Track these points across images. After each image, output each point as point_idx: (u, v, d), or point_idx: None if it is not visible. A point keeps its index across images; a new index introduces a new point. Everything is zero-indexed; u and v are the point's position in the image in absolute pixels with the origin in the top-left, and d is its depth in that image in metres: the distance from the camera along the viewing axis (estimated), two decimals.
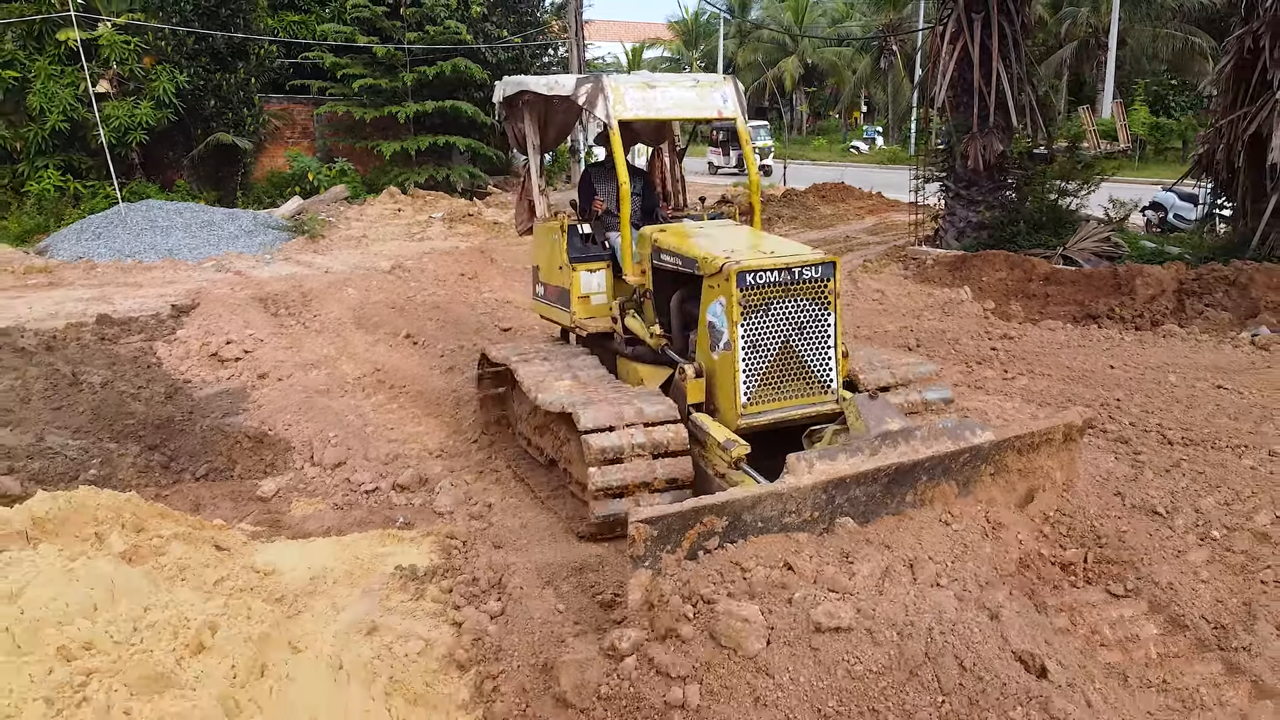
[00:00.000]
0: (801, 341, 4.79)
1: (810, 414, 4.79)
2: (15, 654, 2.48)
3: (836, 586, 3.41)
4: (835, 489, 3.73)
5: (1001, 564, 3.87)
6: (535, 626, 3.82)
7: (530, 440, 5.88)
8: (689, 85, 5.92)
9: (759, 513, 3.61)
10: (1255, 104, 9.76)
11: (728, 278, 4.60)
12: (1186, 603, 3.85)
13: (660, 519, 3.43)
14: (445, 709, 3.40)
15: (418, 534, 4.97)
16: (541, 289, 6.64)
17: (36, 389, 7.26)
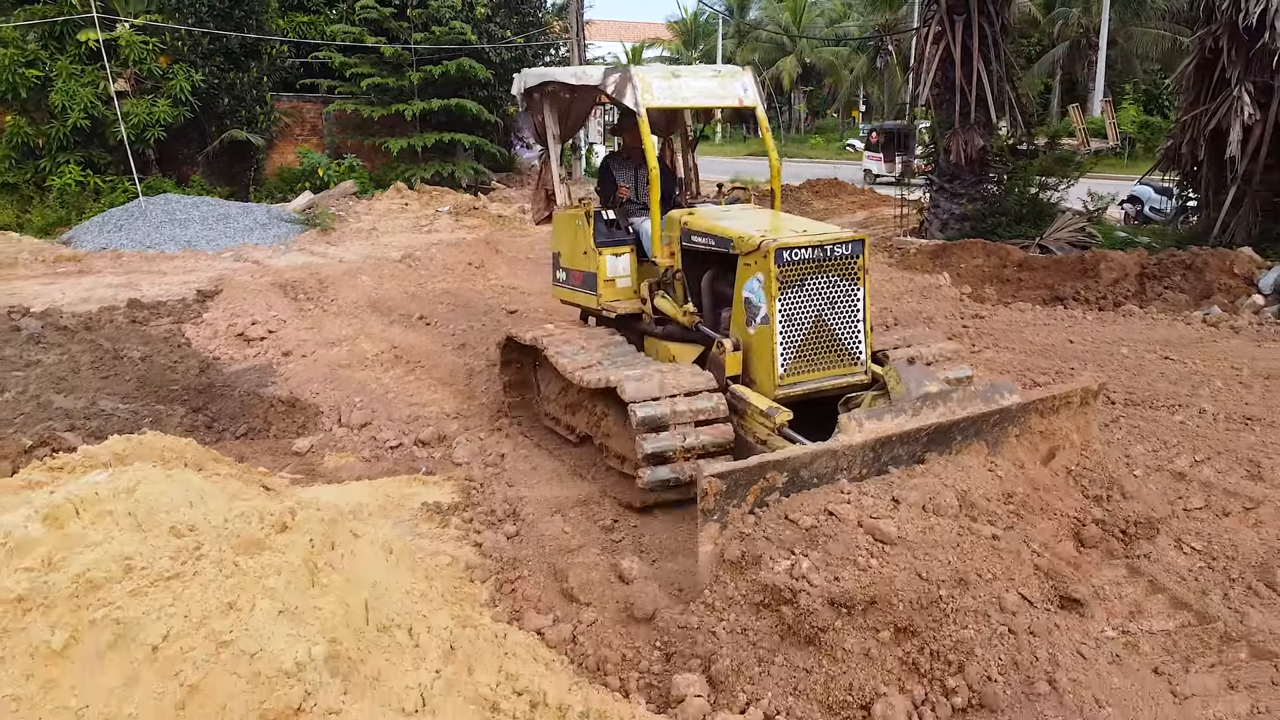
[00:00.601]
0: (833, 315, 5.03)
1: (841, 385, 5.01)
2: (137, 530, 3.13)
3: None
4: (882, 447, 3.95)
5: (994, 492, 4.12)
6: (546, 543, 4.49)
7: (559, 419, 6.17)
8: (710, 75, 6.10)
9: (815, 469, 3.83)
10: (1215, 101, 10.41)
11: (765, 255, 4.83)
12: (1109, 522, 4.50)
13: (730, 474, 3.61)
14: (471, 605, 4.05)
15: (440, 478, 5.63)
16: (564, 274, 6.80)
17: (84, 361, 7.92)
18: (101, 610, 2.77)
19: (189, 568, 2.92)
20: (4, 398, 7.00)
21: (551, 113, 6.63)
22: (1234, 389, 6.64)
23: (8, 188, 17.27)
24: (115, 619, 2.71)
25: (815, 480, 3.82)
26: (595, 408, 5.55)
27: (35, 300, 10.70)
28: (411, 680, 2.87)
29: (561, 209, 6.81)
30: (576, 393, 5.73)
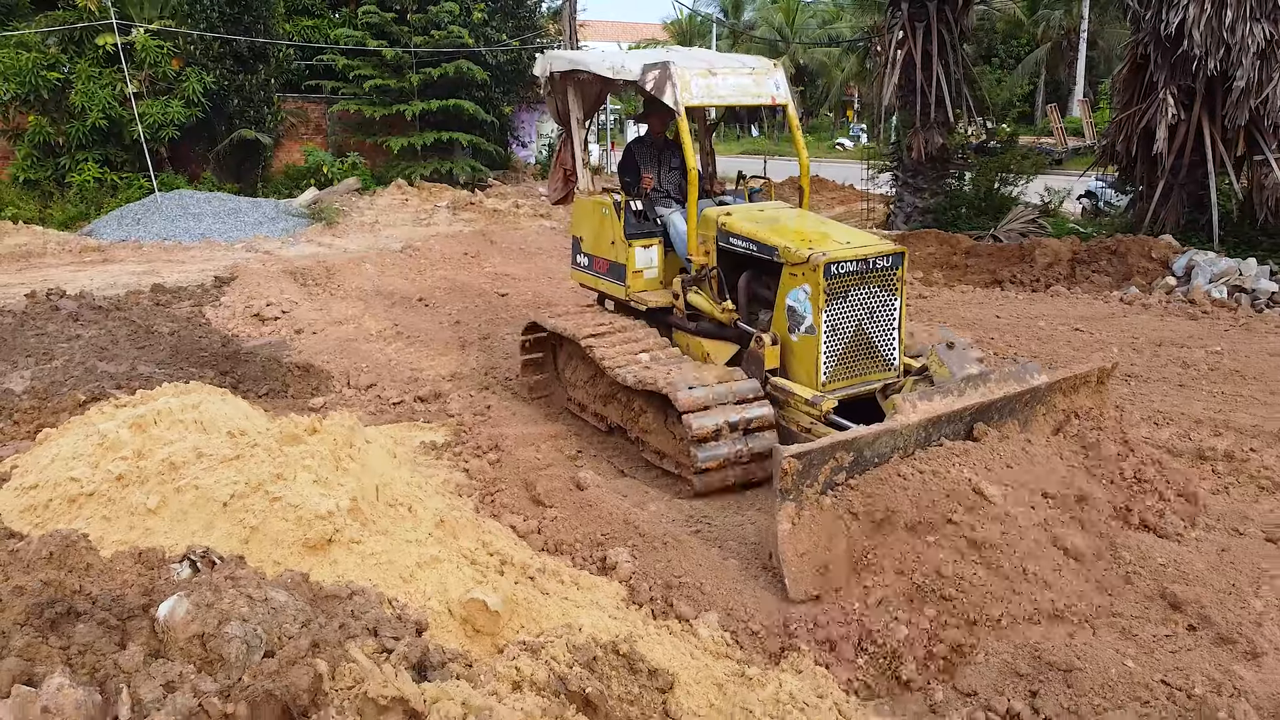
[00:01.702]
0: (871, 324, 5.22)
1: (876, 388, 5.19)
2: (203, 432, 4.13)
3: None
4: (932, 425, 4.19)
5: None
6: (521, 465, 5.49)
7: (585, 406, 6.33)
8: (746, 72, 6.10)
9: (877, 448, 4.03)
10: (1145, 102, 11.40)
11: (815, 268, 4.98)
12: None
13: (806, 454, 3.78)
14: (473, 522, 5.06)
15: (435, 425, 6.62)
16: (585, 260, 6.86)
17: (120, 334, 8.92)
18: (183, 481, 3.77)
19: (246, 453, 3.93)
20: (54, 364, 8.00)
21: (576, 97, 6.60)
22: (1126, 353, 7.64)
23: (30, 184, 18.25)
24: (194, 485, 3.71)
25: (876, 459, 4.02)
26: (633, 402, 5.66)
27: (67, 285, 11.68)
28: (410, 535, 3.86)
29: (584, 194, 6.78)
30: (609, 384, 5.82)
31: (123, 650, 2.43)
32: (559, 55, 6.67)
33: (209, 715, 2.31)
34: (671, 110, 6.20)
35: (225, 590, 2.65)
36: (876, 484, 4.00)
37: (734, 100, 6.10)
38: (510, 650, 3.03)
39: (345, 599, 3.10)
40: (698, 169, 5.80)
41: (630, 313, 6.44)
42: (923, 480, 4.02)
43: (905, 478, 4.02)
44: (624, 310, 6.54)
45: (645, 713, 3.06)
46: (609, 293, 6.64)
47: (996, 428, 4.39)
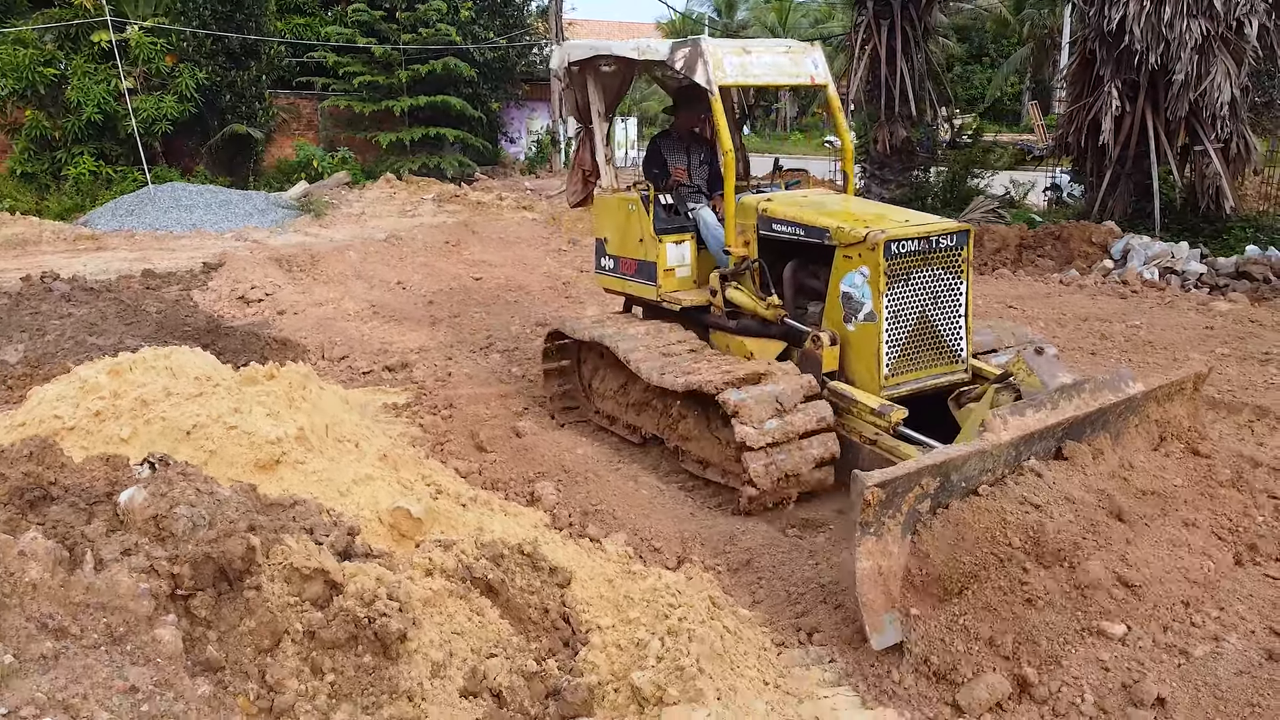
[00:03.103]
0: (936, 311, 4.78)
1: (942, 384, 4.80)
2: (173, 376, 4.64)
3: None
4: (1023, 444, 3.72)
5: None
6: (469, 419, 6.01)
7: (615, 418, 5.89)
8: (782, 51, 5.74)
9: (965, 471, 3.55)
10: (1093, 95, 11.91)
11: (873, 247, 4.57)
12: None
13: (891, 482, 3.30)
14: (415, 459, 5.57)
15: (399, 389, 7.14)
16: (611, 262, 6.39)
17: (110, 312, 9.43)
18: (151, 414, 4.28)
19: (209, 391, 4.45)
20: (46, 339, 8.52)
21: (596, 89, 6.26)
22: (1051, 328, 8.15)
23: (27, 177, 18.78)
24: (161, 418, 4.23)
25: (963, 484, 3.56)
26: (671, 409, 5.30)
27: (61, 270, 12.18)
28: (354, 467, 4.37)
29: (608, 191, 6.37)
30: (643, 391, 5.49)
31: (89, 524, 2.94)
32: (577, 44, 6.31)
33: (158, 573, 2.82)
34: (700, 102, 6.02)
35: (178, 483, 3.17)
36: (973, 517, 3.50)
37: (769, 80, 5.74)
38: (425, 546, 3.55)
39: (288, 507, 3.60)
40: (732, 152, 5.34)
41: (662, 315, 6.04)
42: (1038, 520, 3.49)
43: (1007, 515, 3.49)
44: (655, 313, 6.16)
45: (544, 601, 3.56)
46: (638, 295, 6.21)
47: (1089, 443, 3.95)
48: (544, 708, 3.13)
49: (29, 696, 2.27)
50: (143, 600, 2.68)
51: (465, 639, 3.22)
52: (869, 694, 3.27)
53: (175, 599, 2.80)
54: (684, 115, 6.47)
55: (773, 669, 3.37)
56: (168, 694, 2.51)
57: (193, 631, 2.79)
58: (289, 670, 2.82)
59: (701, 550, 4.16)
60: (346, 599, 2.97)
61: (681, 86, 6.29)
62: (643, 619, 3.41)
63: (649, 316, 6.24)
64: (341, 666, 2.89)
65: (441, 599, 3.29)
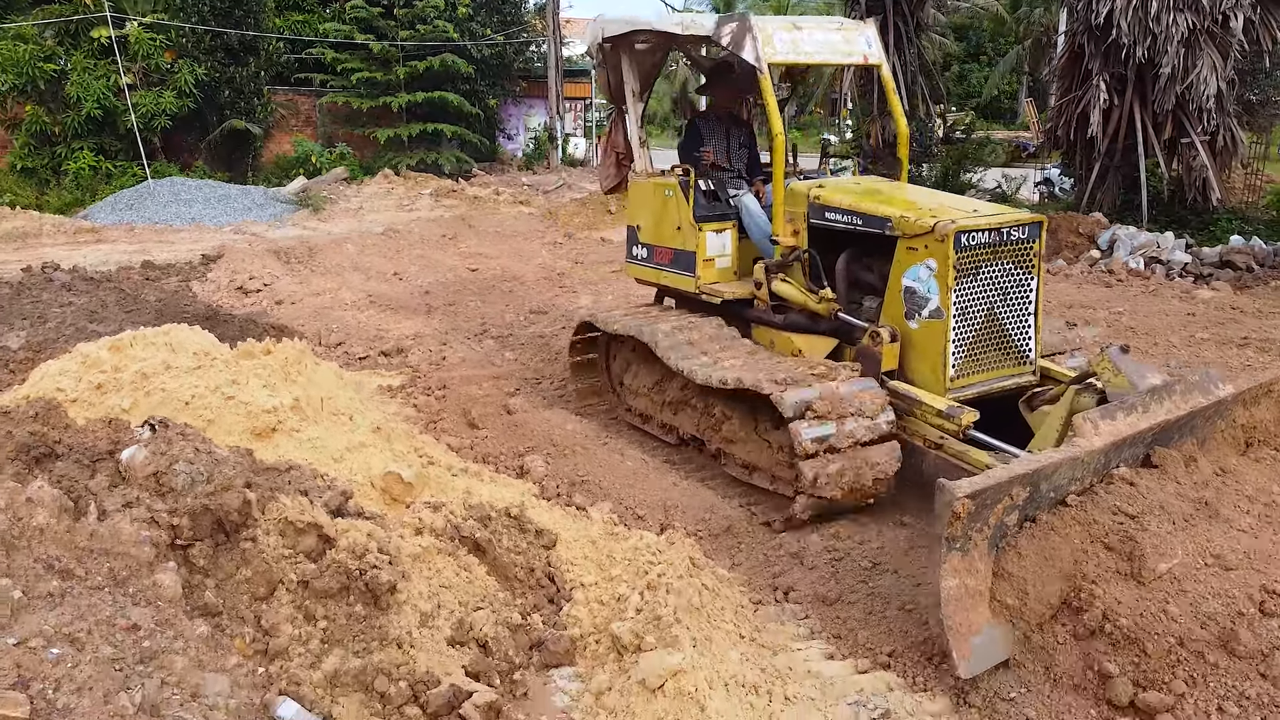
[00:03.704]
0: (1005, 308, 4.51)
1: (1008, 386, 4.53)
2: (172, 352, 4.78)
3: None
4: (1113, 449, 3.48)
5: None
6: (462, 399, 6.14)
7: (649, 417, 5.62)
8: (834, 28, 5.47)
9: (1055, 480, 3.33)
10: (1082, 89, 12.06)
11: (942, 239, 4.28)
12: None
13: (981, 493, 3.05)
14: (407, 433, 5.70)
15: (394, 372, 7.27)
16: (644, 251, 6.03)
17: (110, 301, 9.57)
18: (151, 386, 4.42)
19: (206, 365, 4.58)
20: (48, 326, 8.65)
21: (631, 67, 5.95)
22: None
23: (27, 172, 18.90)
24: (162, 389, 4.37)
25: (1051, 494, 3.33)
26: (713, 409, 5.00)
27: (61, 262, 12.31)
28: (348, 436, 4.51)
29: (642, 175, 6.04)
30: (680, 389, 5.22)
31: (92, 478, 3.08)
32: (613, 19, 5.94)
33: (159, 524, 2.95)
34: (737, 81, 5.77)
35: (177, 442, 3.30)
36: (1066, 530, 3.26)
37: (821, 59, 5.45)
38: (415, 506, 3.69)
39: (283, 471, 3.74)
40: (782, 135, 5.02)
41: (698, 308, 5.70)
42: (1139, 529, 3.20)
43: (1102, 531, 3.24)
44: (690, 306, 5.83)
45: (529, 561, 3.70)
46: (675, 286, 5.85)
47: (1177, 449, 3.70)
48: (528, 657, 3.27)
49: (37, 629, 2.41)
50: (144, 547, 2.82)
51: (453, 593, 3.36)
52: (839, 648, 3.41)
53: (174, 548, 2.94)
54: (721, 93, 6.20)
55: (748, 624, 3.51)
56: (168, 633, 2.65)
57: (191, 579, 2.93)
58: (283, 616, 2.95)
59: (684, 518, 4.30)
60: (339, 552, 3.11)
61: (716, 65, 6.04)
62: (624, 576, 3.55)
63: (682, 309, 5.92)
64: (333, 614, 3.02)
65: (430, 555, 3.43)
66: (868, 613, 3.53)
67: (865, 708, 3.06)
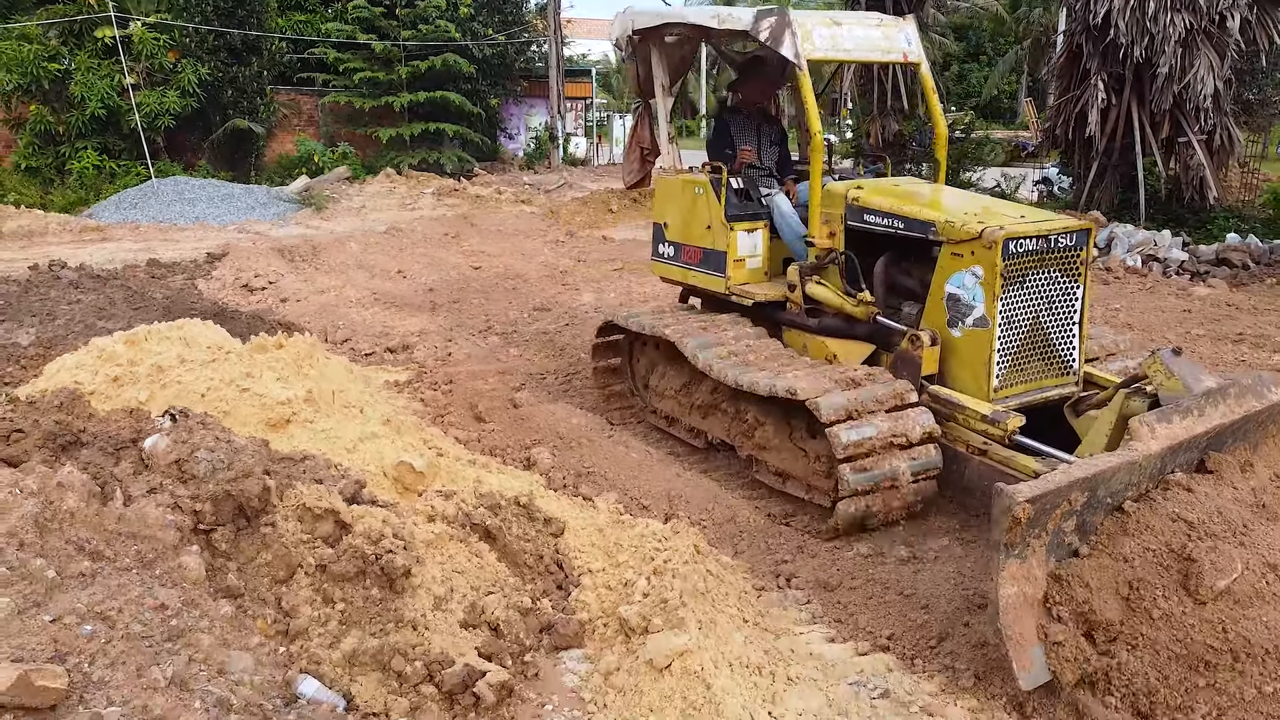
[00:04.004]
0: (1050, 317, 4.43)
1: (1051, 397, 4.46)
2: (186, 345, 4.88)
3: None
4: (1169, 454, 3.41)
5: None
6: (470, 393, 6.24)
7: (676, 420, 5.53)
8: (874, 24, 5.38)
9: (1112, 485, 3.26)
10: (1080, 88, 12.16)
11: (990, 246, 4.18)
12: None
13: (1041, 498, 2.98)
14: (416, 425, 5.80)
15: (401, 367, 7.37)
16: (671, 249, 5.93)
17: (118, 298, 9.67)
18: (167, 379, 4.52)
19: (221, 359, 4.69)
20: (57, 323, 8.75)
21: (660, 60, 5.83)
22: None
23: (32, 171, 19.00)
24: (178, 382, 4.47)
25: (1108, 499, 3.28)
26: (745, 414, 4.89)
27: (68, 260, 12.41)
28: (360, 428, 4.61)
29: (669, 172, 6.00)
30: (710, 392, 5.11)
31: (117, 465, 3.18)
32: (643, 11, 5.84)
33: (182, 509, 3.06)
34: (770, 76, 5.72)
35: (197, 431, 3.41)
36: (1131, 537, 3.18)
37: (861, 56, 5.43)
38: (428, 495, 3.79)
39: (298, 461, 3.84)
40: (820, 134, 4.93)
41: (725, 309, 5.62)
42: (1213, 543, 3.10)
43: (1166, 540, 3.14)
44: (718, 306, 5.73)
45: (539, 548, 3.81)
46: (703, 286, 5.76)
47: (1231, 453, 3.63)
48: (538, 640, 3.37)
49: (70, 607, 2.51)
50: (169, 531, 2.92)
51: (465, 577, 3.46)
52: (840, 632, 3.51)
53: (197, 532, 3.04)
54: (752, 89, 6.06)
55: (752, 608, 3.61)
56: (193, 612, 2.75)
57: (214, 562, 3.03)
58: (303, 598, 3.05)
59: (688, 507, 4.41)
60: (355, 537, 3.21)
61: (747, 60, 5.96)
62: (630, 562, 3.66)
63: (708, 309, 5.84)
64: (350, 597, 3.13)
65: (443, 541, 3.54)
66: (867, 598, 3.63)
67: (865, 688, 3.16)
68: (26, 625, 2.39)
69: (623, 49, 6.09)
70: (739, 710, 2.81)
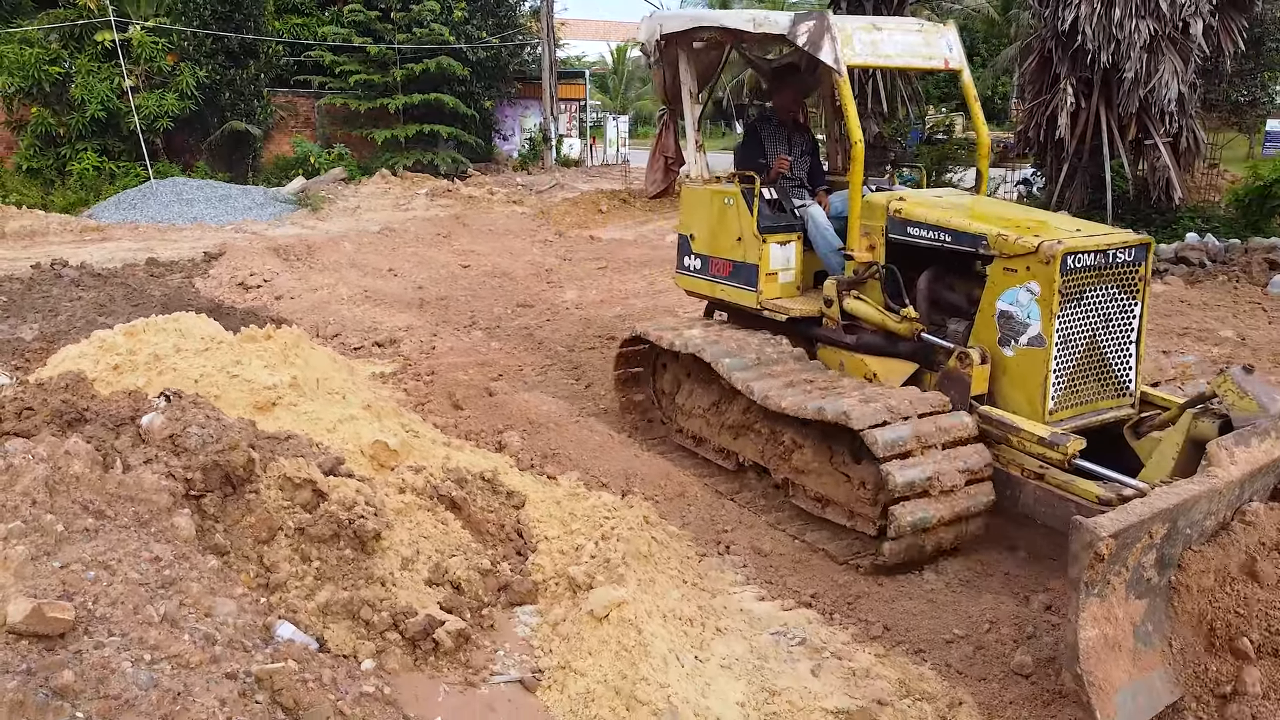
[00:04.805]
0: (1107, 336, 4.26)
1: (1107, 420, 4.27)
2: (181, 336, 5.26)
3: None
4: (1248, 480, 3.23)
5: None
6: (450, 384, 6.62)
7: (704, 440, 5.32)
8: (915, 29, 5.23)
9: (1192, 516, 3.06)
10: (1050, 92, 12.54)
11: (1047, 261, 4.01)
12: None
13: (1124, 531, 2.81)
14: (396, 411, 6.17)
15: (387, 360, 7.75)
16: (698, 262, 5.73)
17: (118, 295, 10.05)
18: (164, 366, 4.89)
19: (213, 348, 5.06)
20: (60, 318, 9.14)
21: (689, 66, 5.68)
22: None
23: (33, 172, 19.39)
24: (173, 369, 4.84)
25: (1188, 530, 3.08)
26: (782, 436, 4.65)
27: (69, 259, 12.79)
28: (341, 411, 4.98)
29: (697, 182, 5.79)
30: (743, 412, 4.91)
31: (117, 439, 3.56)
32: (673, 14, 5.78)
33: (175, 477, 3.43)
34: (805, 83, 5.64)
35: (190, 409, 3.79)
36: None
37: (901, 62, 5.24)
38: (399, 470, 4.17)
39: (282, 440, 4.22)
40: (862, 142, 4.77)
41: (756, 324, 5.41)
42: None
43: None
44: (746, 321, 5.52)
45: (501, 519, 4.18)
46: (732, 300, 5.55)
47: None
48: (496, 597, 3.74)
49: (76, 556, 2.88)
50: (163, 495, 3.30)
51: (431, 542, 3.84)
52: (769, 592, 3.89)
53: (189, 498, 3.42)
54: (785, 97, 5.89)
55: (692, 571, 3.99)
56: (184, 565, 3.13)
57: (203, 523, 3.41)
58: (282, 556, 3.43)
59: (642, 484, 4.79)
60: (331, 504, 3.59)
61: (778, 67, 5.88)
62: (582, 529, 4.04)
63: (734, 323, 5.66)
64: (326, 556, 3.50)
65: (411, 510, 3.92)
66: (796, 563, 4.01)
67: (785, 637, 3.54)
68: (39, 570, 2.76)
69: (649, 54, 5.92)
70: (665, 652, 3.19)
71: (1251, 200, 12.11)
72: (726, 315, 5.89)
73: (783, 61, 5.93)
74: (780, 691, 3.11)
